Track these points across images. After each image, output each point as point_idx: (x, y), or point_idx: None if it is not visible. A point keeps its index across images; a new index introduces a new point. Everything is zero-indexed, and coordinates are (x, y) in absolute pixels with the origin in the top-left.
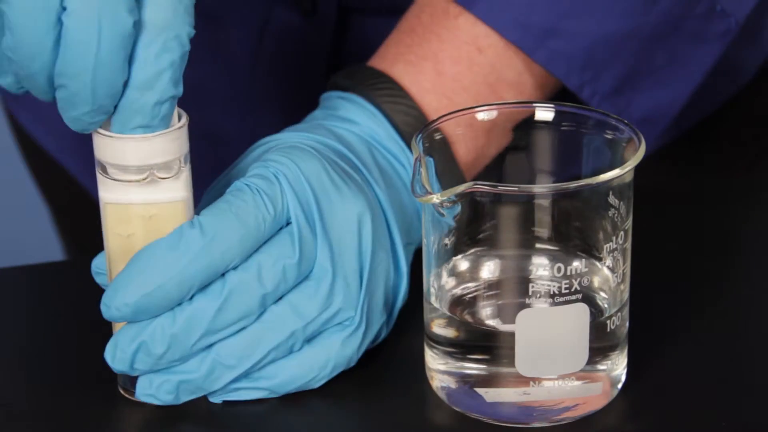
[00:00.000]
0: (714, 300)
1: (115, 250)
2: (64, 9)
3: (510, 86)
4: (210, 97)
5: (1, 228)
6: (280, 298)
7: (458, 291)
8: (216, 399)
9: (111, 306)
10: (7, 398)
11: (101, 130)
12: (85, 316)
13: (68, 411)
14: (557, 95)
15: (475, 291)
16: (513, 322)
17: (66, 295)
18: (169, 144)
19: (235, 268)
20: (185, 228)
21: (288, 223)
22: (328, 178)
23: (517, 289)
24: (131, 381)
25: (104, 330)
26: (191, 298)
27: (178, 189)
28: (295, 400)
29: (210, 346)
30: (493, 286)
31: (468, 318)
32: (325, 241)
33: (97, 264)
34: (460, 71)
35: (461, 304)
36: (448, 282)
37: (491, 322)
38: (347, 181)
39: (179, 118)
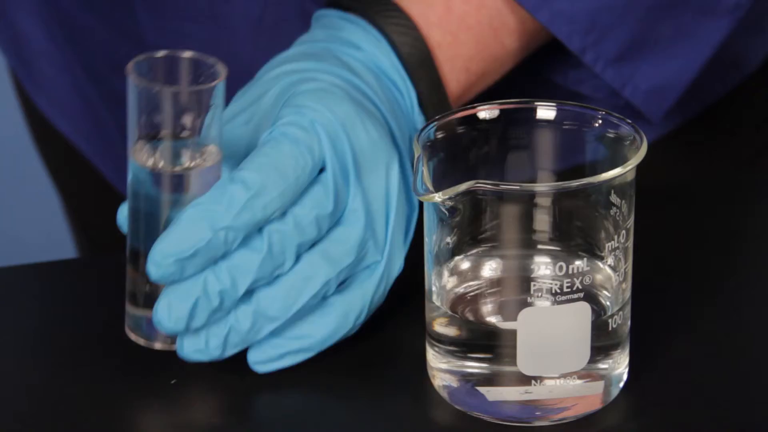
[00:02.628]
0: (716, 299)
1: None
2: None
3: (510, 32)
4: None
5: (15, 225)
6: (313, 246)
7: (460, 290)
8: (261, 368)
9: (161, 264)
10: (16, 397)
11: None
12: (99, 314)
13: (80, 411)
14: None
15: (477, 290)
16: (515, 320)
17: (78, 294)
18: None
19: (271, 220)
20: (227, 184)
21: (322, 169)
22: (361, 125)
23: (518, 288)
24: (152, 331)
25: (116, 329)
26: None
27: None
28: (297, 396)
29: (250, 296)
30: (495, 284)
31: (470, 317)
32: (358, 189)
33: (121, 219)
34: (468, 11)
35: (463, 302)
36: (450, 281)
37: (493, 321)
38: (376, 126)
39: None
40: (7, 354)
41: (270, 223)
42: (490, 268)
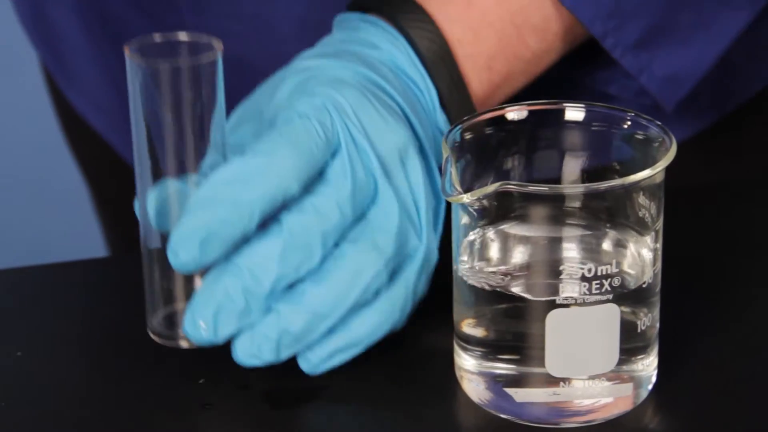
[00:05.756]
0: (746, 301)
1: None
2: None
3: (534, 31)
4: (255, 71)
5: (47, 223)
6: (353, 238)
7: (488, 291)
8: (313, 369)
9: (179, 251)
10: (43, 397)
11: None
12: (131, 313)
13: (110, 410)
14: (582, 55)
15: (506, 291)
16: (543, 322)
17: (111, 292)
18: None
19: (289, 210)
20: (236, 159)
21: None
22: (374, 109)
23: (547, 289)
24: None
25: (142, 327)
26: (250, 245)
27: None
28: (324, 399)
29: (294, 293)
30: (523, 286)
31: (498, 318)
32: (381, 172)
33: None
34: (489, 7)
35: (491, 304)
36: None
37: (522, 322)
38: (390, 110)
39: None
40: (38, 353)
41: (288, 212)
42: (518, 270)
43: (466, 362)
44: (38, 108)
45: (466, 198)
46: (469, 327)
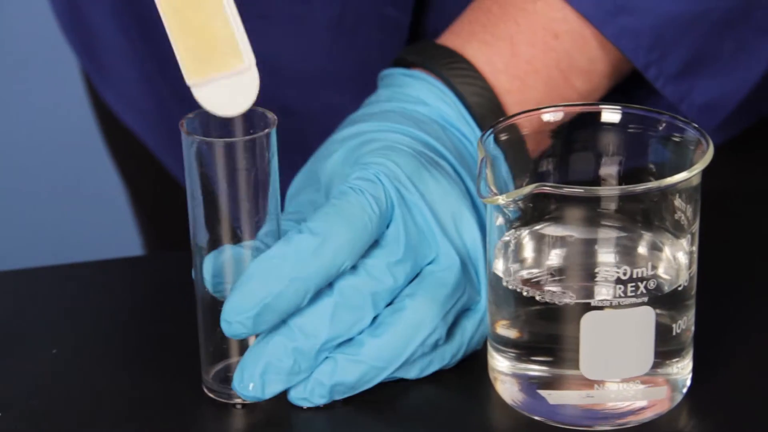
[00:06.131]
0: None
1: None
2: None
3: (581, 73)
4: (286, 72)
5: (84, 221)
6: (416, 294)
7: (523, 293)
8: None
9: (232, 321)
10: (72, 397)
11: None
12: (166, 311)
13: (140, 411)
14: (624, 90)
15: (540, 293)
16: (578, 324)
17: (147, 291)
18: None
19: (343, 274)
20: (294, 234)
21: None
22: (426, 172)
23: (582, 292)
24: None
25: (184, 326)
26: (303, 308)
27: None
28: (357, 400)
29: (352, 344)
30: (558, 288)
31: (532, 319)
32: (440, 231)
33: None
34: (535, 55)
35: (526, 305)
36: (513, 284)
37: (555, 324)
38: (441, 171)
39: None
40: (73, 351)
41: (341, 278)
42: (553, 272)
43: (500, 364)
44: (77, 109)
45: (502, 199)
46: (503, 328)
